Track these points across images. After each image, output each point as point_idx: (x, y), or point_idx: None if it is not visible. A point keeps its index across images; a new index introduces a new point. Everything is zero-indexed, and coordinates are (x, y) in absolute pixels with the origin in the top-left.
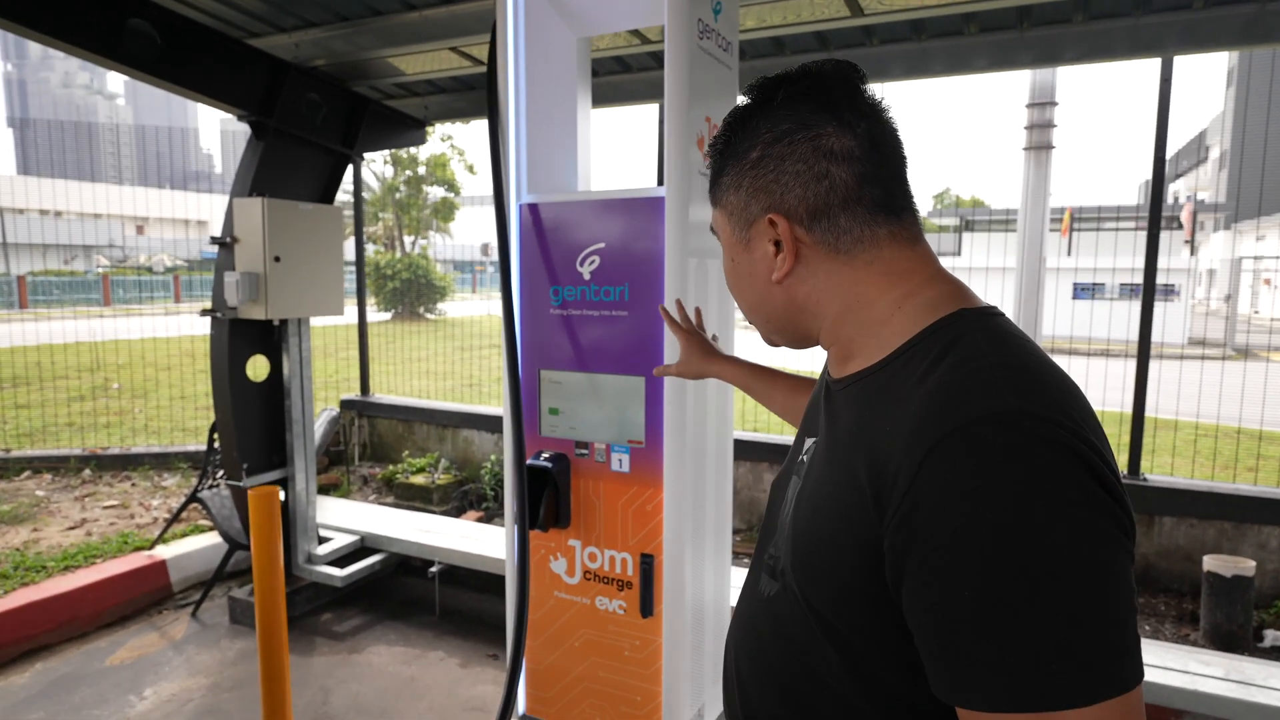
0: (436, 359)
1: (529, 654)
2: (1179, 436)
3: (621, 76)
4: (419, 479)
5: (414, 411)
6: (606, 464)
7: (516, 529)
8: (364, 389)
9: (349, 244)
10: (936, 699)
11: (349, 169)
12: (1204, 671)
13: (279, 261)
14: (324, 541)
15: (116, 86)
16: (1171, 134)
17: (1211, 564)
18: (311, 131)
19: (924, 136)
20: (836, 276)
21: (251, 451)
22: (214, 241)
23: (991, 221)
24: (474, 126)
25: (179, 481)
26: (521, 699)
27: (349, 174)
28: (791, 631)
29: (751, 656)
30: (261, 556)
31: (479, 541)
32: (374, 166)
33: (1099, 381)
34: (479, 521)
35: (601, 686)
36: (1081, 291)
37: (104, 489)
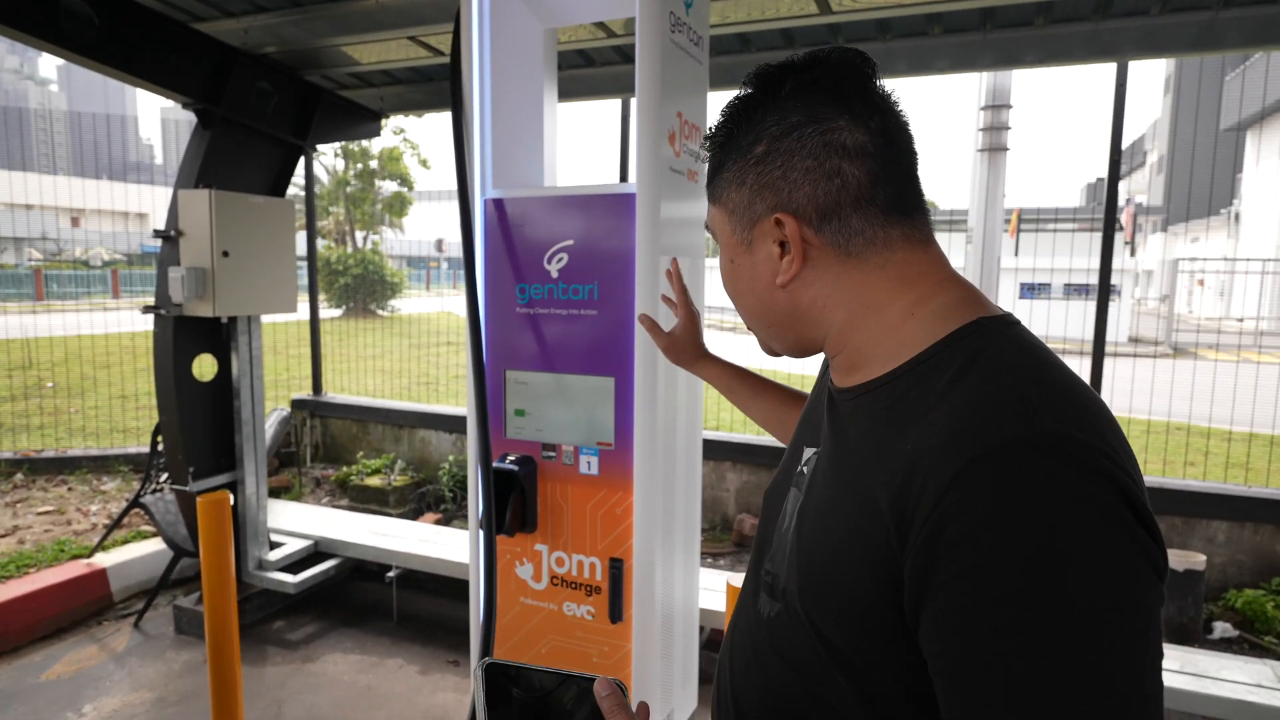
0: (390, 357)
1: None
2: (1128, 433)
3: (585, 71)
4: (375, 481)
5: (369, 411)
6: (575, 466)
7: (483, 534)
8: (316, 388)
9: (300, 238)
10: None
11: (301, 161)
12: None
13: (228, 256)
14: (275, 547)
15: (49, 71)
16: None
17: None
18: (261, 121)
19: None
20: (846, 280)
21: (198, 454)
22: (157, 235)
23: (937, 223)
24: (428, 120)
25: (119, 486)
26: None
27: (300, 166)
28: (795, 655)
29: (751, 679)
30: (212, 565)
31: (438, 545)
32: (324, 159)
33: None
34: (438, 524)
35: None
36: (1028, 291)
37: (38, 494)
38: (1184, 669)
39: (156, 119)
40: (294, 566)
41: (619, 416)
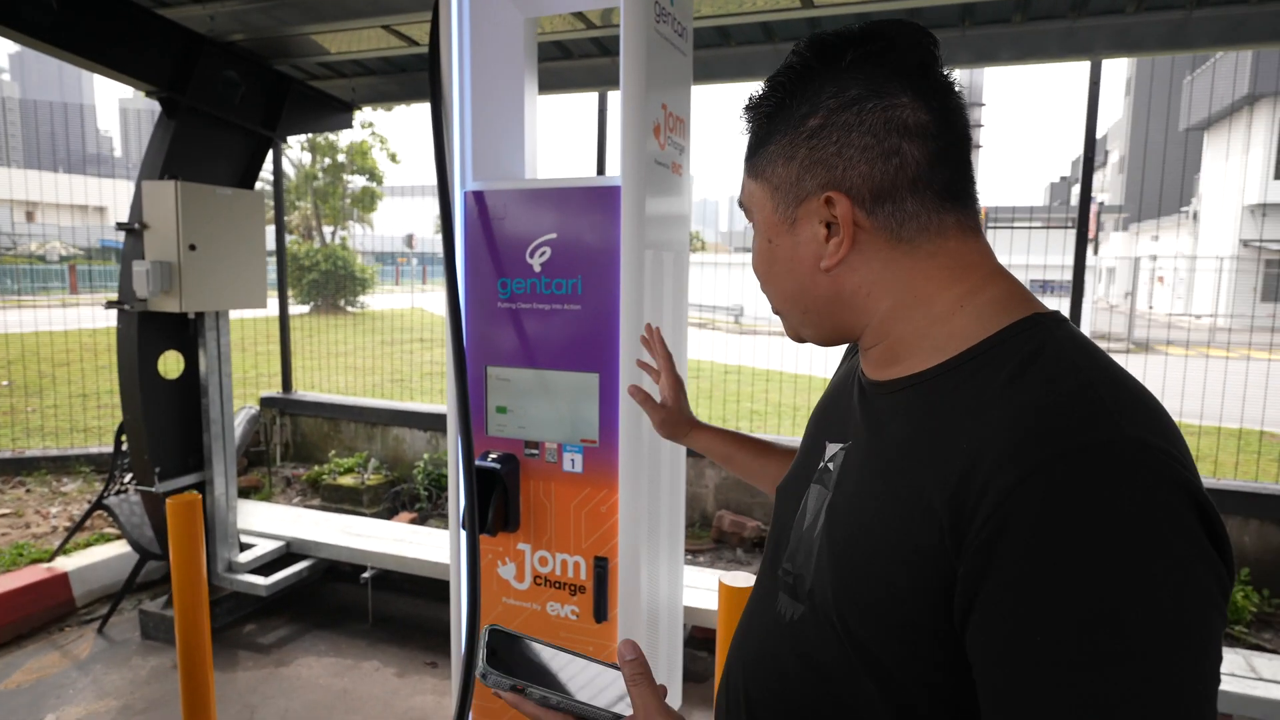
0: (360, 354)
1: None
2: None
3: (562, 63)
4: (347, 480)
5: (341, 409)
6: (558, 464)
7: (465, 534)
8: (286, 385)
9: (269, 232)
10: None
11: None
12: None
13: (195, 250)
14: (246, 548)
15: (1, 59)
16: (1077, 139)
17: None
18: (229, 111)
19: None
20: (894, 267)
21: (165, 454)
22: (120, 227)
23: None
24: (397, 113)
25: (80, 487)
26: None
27: (269, 159)
28: (821, 661)
29: (767, 685)
30: (182, 568)
31: (414, 544)
32: (290, 153)
33: None
34: (413, 523)
35: None
36: None
37: None
38: None
39: (115, 109)
40: (265, 568)
41: (603, 413)
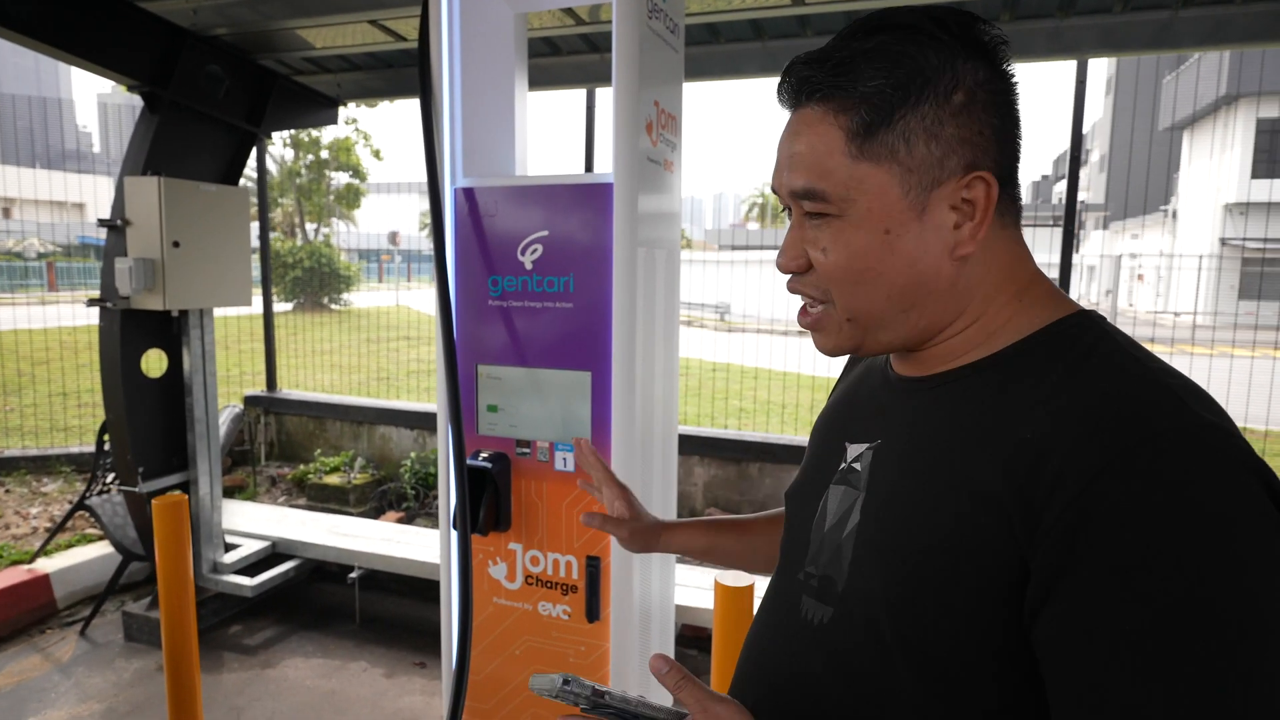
0: (344, 352)
1: None
2: None
3: (551, 60)
4: (334, 479)
5: (326, 408)
6: (550, 463)
7: (456, 534)
8: (270, 384)
9: (253, 229)
10: None
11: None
12: None
13: (178, 247)
14: (231, 549)
15: None
16: (1057, 138)
17: None
18: (213, 106)
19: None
20: (994, 256)
21: (148, 454)
22: (102, 224)
23: None
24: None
25: (61, 487)
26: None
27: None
28: (853, 663)
29: (794, 692)
30: (169, 569)
31: (401, 544)
32: (272, 149)
33: None
34: (400, 523)
35: None
36: None
37: None
38: None
39: (94, 104)
40: (251, 569)
41: (596, 412)
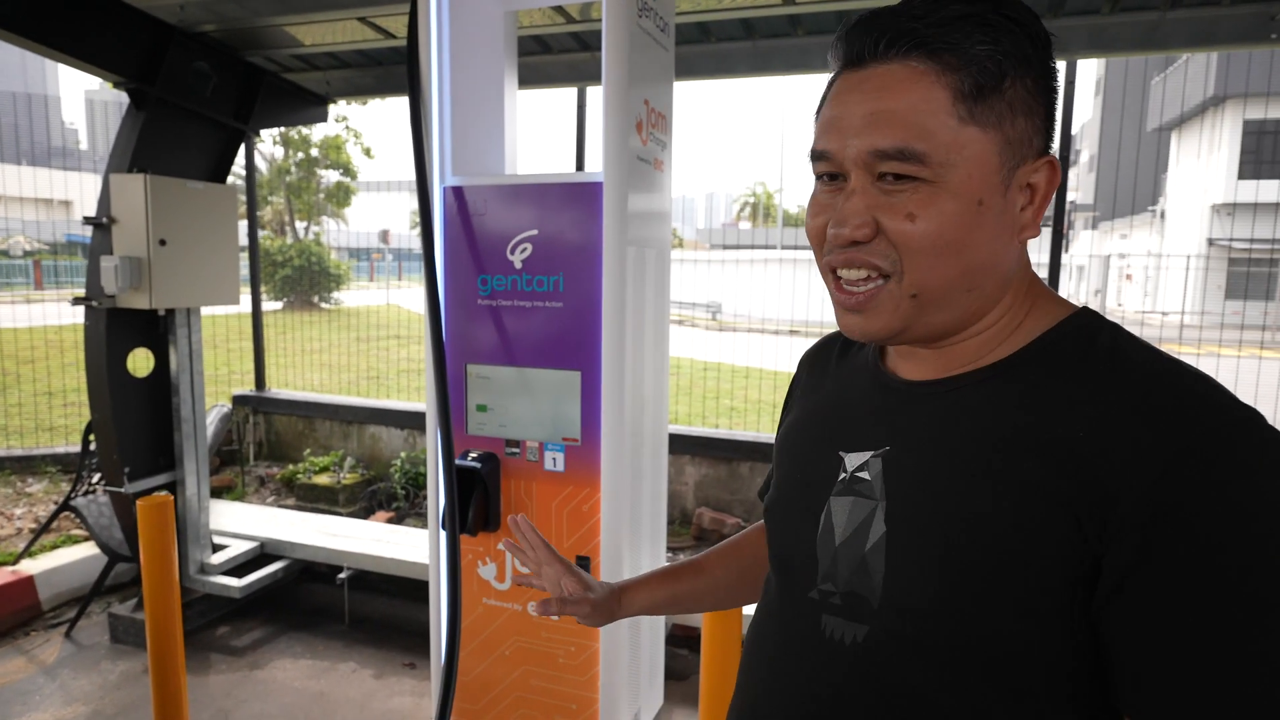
0: (334, 351)
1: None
2: None
3: (541, 58)
4: (323, 479)
5: (315, 407)
6: (539, 463)
7: (445, 535)
8: (259, 383)
9: (241, 227)
10: None
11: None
12: None
13: (165, 245)
14: (219, 549)
15: None
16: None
17: None
18: (200, 103)
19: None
20: (1022, 253)
21: (135, 454)
22: (88, 221)
23: None
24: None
25: (46, 488)
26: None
27: (241, 152)
28: (900, 682)
29: (829, 716)
30: (154, 571)
31: (391, 544)
32: (262, 147)
33: None
34: (390, 523)
35: (534, 695)
36: None
37: None
38: None
39: (81, 101)
40: (239, 569)
41: (585, 411)
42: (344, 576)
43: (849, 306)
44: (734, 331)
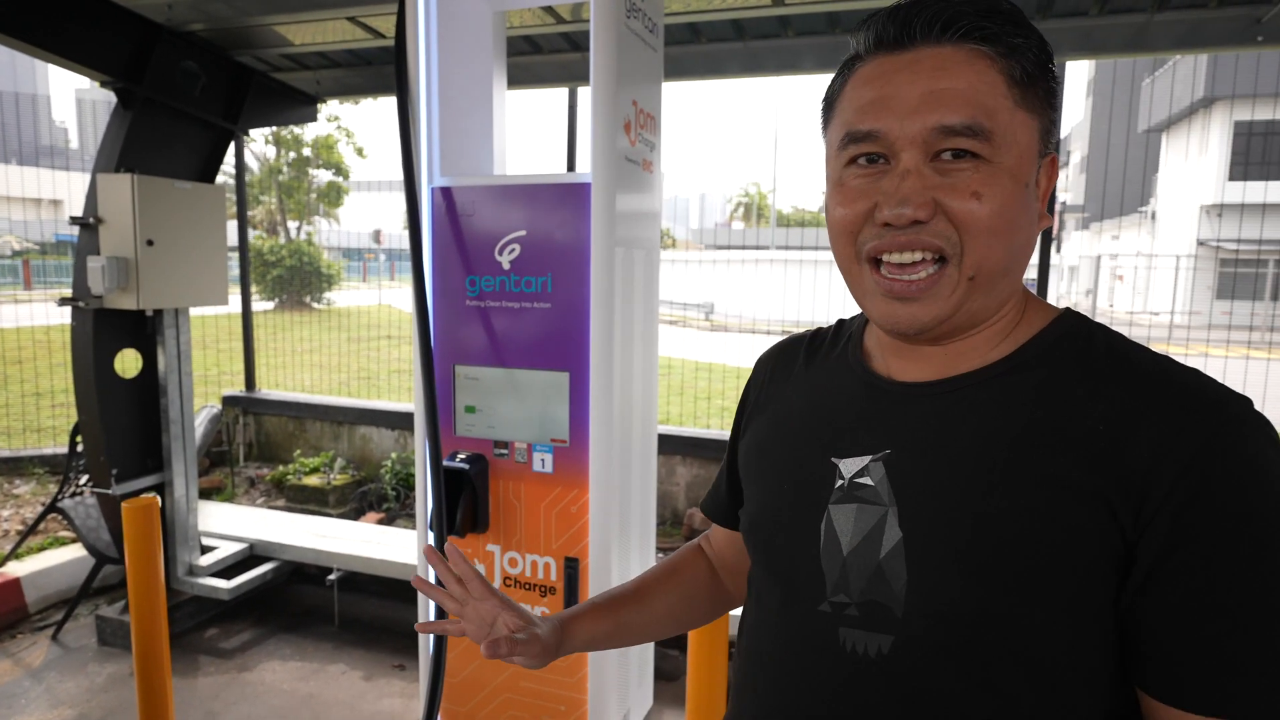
0: (326, 351)
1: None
2: None
3: (531, 58)
4: (313, 480)
5: (306, 408)
6: (528, 464)
7: (432, 536)
8: (249, 384)
9: (231, 227)
10: None
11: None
12: None
13: (152, 245)
14: (207, 551)
15: None
16: None
17: None
18: (189, 103)
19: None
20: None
21: (122, 455)
22: (75, 221)
23: None
24: (363, 107)
25: (34, 489)
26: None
27: (231, 152)
28: (932, 689)
29: None
30: (139, 573)
31: (381, 545)
32: (254, 146)
33: None
34: (380, 524)
35: (523, 696)
36: None
37: None
38: None
39: (71, 100)
40: (228, 571)
41: (574, 412)
42: (334, 578)
43: (901, 294)
44: (727, 331)
